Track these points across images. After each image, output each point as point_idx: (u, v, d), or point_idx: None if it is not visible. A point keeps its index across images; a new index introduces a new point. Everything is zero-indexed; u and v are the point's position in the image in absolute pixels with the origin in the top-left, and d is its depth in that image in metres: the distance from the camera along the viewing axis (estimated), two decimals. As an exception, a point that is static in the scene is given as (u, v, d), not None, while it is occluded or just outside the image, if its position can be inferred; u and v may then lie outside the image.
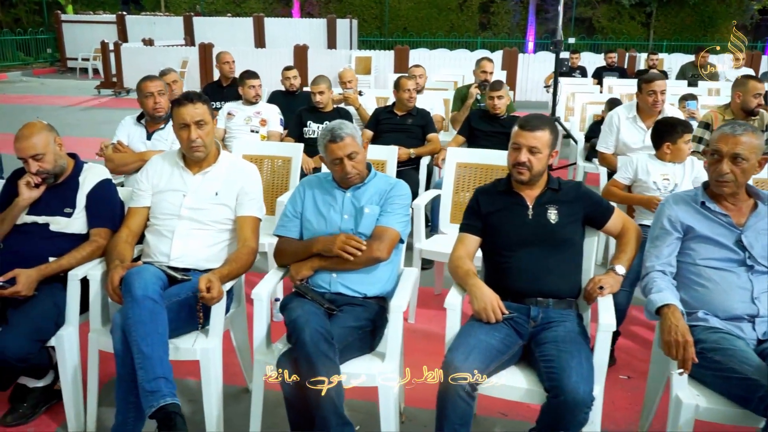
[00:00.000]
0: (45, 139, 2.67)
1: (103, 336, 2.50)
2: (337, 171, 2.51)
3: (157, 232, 2.63)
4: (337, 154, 2.47)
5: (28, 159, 2.63)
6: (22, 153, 2.62)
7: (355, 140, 2.49)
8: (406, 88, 4.85)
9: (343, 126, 2.49)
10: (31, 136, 2.63)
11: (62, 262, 2.56)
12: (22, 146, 2.62)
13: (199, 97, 2.61)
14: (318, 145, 2.56)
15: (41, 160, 2.64)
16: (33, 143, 2.62)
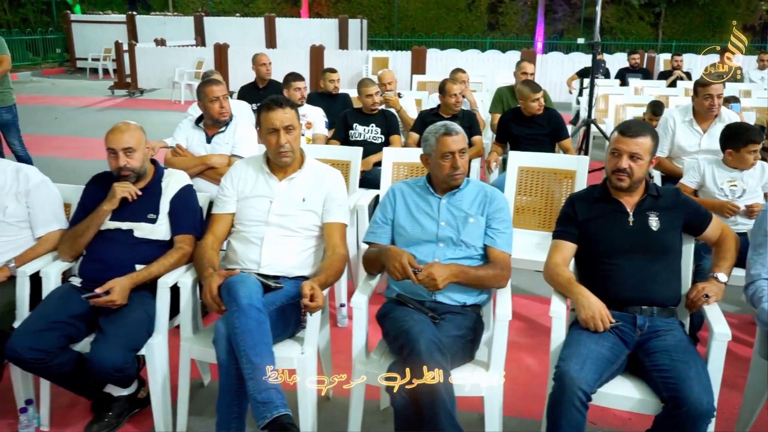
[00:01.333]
0: (139, 137, 2.65)
1: (195, 344, 2.46)
2: (445, 167, 2.47)
3: (245, 239, 2.60)
4: (450, 147, 2.45)
5: (119, 152, 2.60)
6: (116, 144, 2.60)
7: (465, 139, 2.49)
8: (452, 92, 4.83)
9: (455, 125, 2.50)
10: (128, 130, 2.63)
11: (152, 270, 2.53)
12: (117, 137, 2.60)
13: (287, 101, 2.58)
14: (425, 141, 2.53)
15: (131, 156, 2.62)
16: (128, 137, 2.61)
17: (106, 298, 2.39)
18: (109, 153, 2.64)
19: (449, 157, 2.48)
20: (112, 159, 2.64)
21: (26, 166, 2.84)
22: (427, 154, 2.55)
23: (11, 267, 2.66)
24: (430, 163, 2.56)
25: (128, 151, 2.61)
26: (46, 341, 2.35)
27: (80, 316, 2.48)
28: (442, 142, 2.48)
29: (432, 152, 2.52)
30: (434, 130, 2.51)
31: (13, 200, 2.74)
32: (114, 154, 2.62)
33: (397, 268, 2.27)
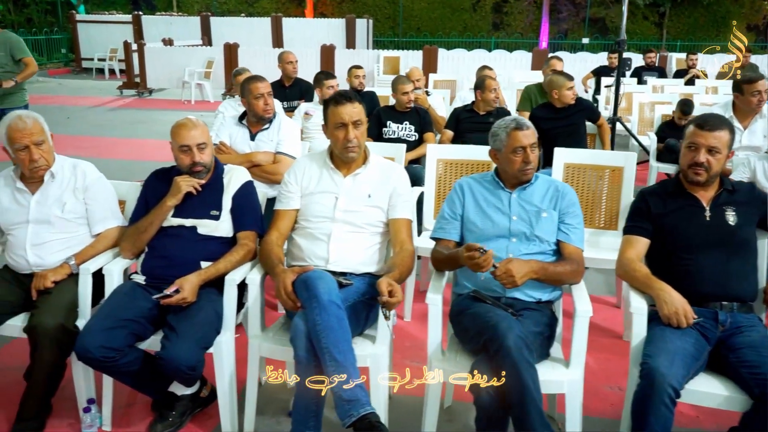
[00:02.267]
0: (207, 132, 2.64)
1: (265, 342, 2.43)
2: (516, 161, 2.44)
3: (310, 236, 2.56)
4: (522, 142, 2.42)
5: (193, 147, 2.57)
6: (190, 140, 2.58)
7: (536, 134, 2.46)
8: (492, 87, 4.80)
9: (526, 119, 2.48)
10: (197, 125, 2.62)
11: (219, 267, 2.50)
12: (190, 134, 2.58)
13: (356, 96, 2.55)
14: (494, 137, 2.51)
15: (203, 151, 2.59)
16: (199, 132, 2.60)
17: (178, 297, 2.36)
18: (181, 149, 2.60)
19: (520, 152, 2.45)
20: (184, 155, 2.60)
21: (83, 162, 2.80)
22: (496, 149, 2.52)
23: (72, 264, 2.62)
24: (499, 159, 2.53)
25: (201, 147, 2.59)
26: (116, 339, 2.31)
27: (147, 314, 2.44)
28: (513, 137, 2.45)
29: (502, 147, 2.49)
30: (504, 125, 2.48)
31: (72, 196, 2.70)
32: (188, 150, 2.59)
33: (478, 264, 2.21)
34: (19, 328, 2.53)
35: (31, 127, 2.58)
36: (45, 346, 2.40)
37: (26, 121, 2.58)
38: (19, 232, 2.66)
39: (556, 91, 4.67)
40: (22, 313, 2.60)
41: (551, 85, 4.72)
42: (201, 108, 11.97)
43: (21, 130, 2.57)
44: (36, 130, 2.59)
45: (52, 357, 2.44)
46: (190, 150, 2.59)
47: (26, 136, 2.57)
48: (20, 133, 2.57)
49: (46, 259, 2.64)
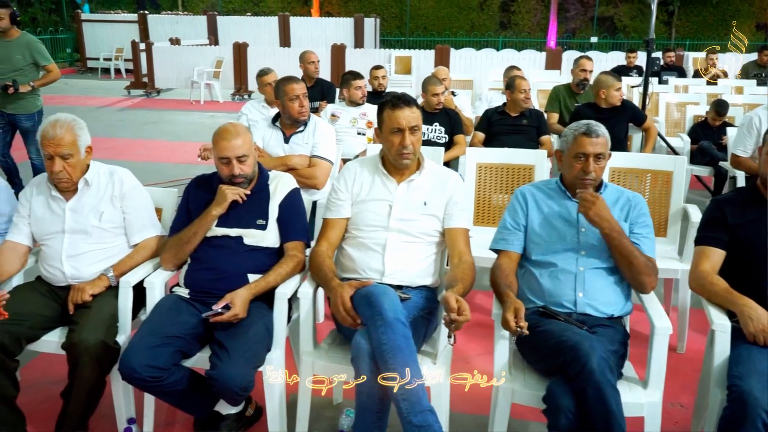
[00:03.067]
0: (249, 140, 2.48)
1: (318, 359, 2.29)
2: (576, 168, 2.32)
3: (363, 246, 2.42)
4: (586, 149, 2.29)
5: (232, 160, 2.42)
6: (229, 152, 2.42)
7: (608, 144, 2.31)
8: (522, 88, 4.66)
9: (601, 126, 2.32)
10: (238, 135, 2.44)
11: (269, 280, 2.36)
12: (230, 145, 2.42)
13: (413, 99, 2.41)
14: (563, 136, 2.38)
15: (244, 162, 2.44)
16: (241, 143, 2.43)
17: (230, 314, 2.22)
18: (221, 161, 2.46)
19: (582, 159, 2.31)
20: (224, 167, 2.46)
21: (119, 168, 2.67)
22: (561, 150, 2.39)
23: (110, 277, 2.49)
24: (562, 161, 2.40)
25: (242, 159, 2.44)
26: (162, 358, 2.18)
27: (193, 330, 2.31)
28: (578, 142, 2.31)
29: (566, 149, 2.36)
30: (575, 127, 2.35)
31: (109, 204, 2.56)
32: (227, 162, 2.44)
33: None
34: (55, 344, 2.40)
35: (60, 138, 2.43)
36: (85, 363, 2.27)
37: (57, 131, 2.43)
38: (54, 243, 2.53)
39: (604, 91, 4.54)
40: (58, 328, 2.47)
41: (599, 84, 4.59)
42: (211, 108, 11.85)
43: (50, 139, 2.43)
44: (66, 142, 2.44)
45: (92, 375, 2.30)
46: (229, 162, 2.44)
47: (52, 146, 2.43)
48: (48, 141, 2.43)
49: (83, 271, 2.51)
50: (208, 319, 2.24)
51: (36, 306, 2.43)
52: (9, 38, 5.10)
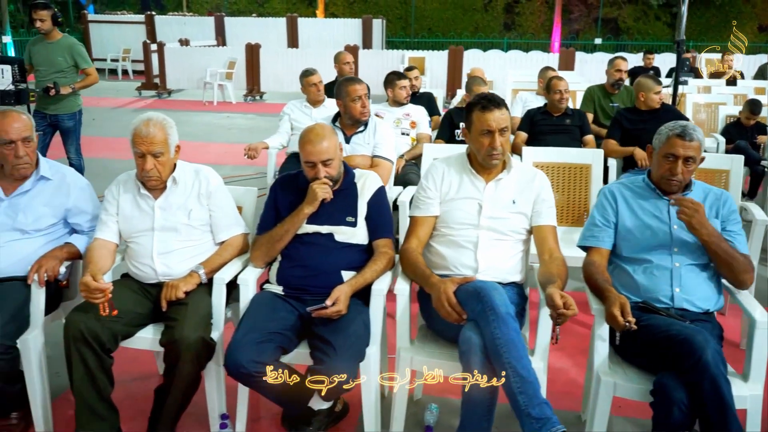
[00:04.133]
0: (335, 143, 2.49)
1: (416, 355, 2.32)
2: (663, 168, 2.36)
3: (454, 243, 2.46)
4: (677, 151, 2.32)
5: (318, 164, 2.45)
6: (315, 157, 2.44)
7: (701, 148, 2.35)
8: (557, 89, 4.71)
9: (697, 130, 2.35)
10: (324, 138, 2.45)
11: (366, 277, 2.39)
12: (315, 150, 2.44)
13: (503, 101, 2.45)
14: (657, 134, 2.42)
15: (330, 165, 2.47)
16: (326, 147, 2.45)
17: (334, 309, 2.25)
18: (306, 164, 2.48)
19: (671, 160, 2.35)
20: (309, 170, 2.48)
21: (204, 167, 2.69)
22: (653, 147, 2.44)
23: (201, 274, 2.51)
24: (652, 158, 2.44)
25: (327, 162, 2.46)
26: (266, 353, 2.21)
27: (291, 326, 2.34)
28: (670, 142, 2.36)
29: (658, 147, 2.40)
30: (671, 126, 2.38)
31: (196, 202, 2.59)
32: (312, 166, 2.47)
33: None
34: (150, 340, 2.43)
35: (152, 136, 2.45)
36: (186, 360, 2.29)
37: (150, 129, 2.46)
38: (144, 240, 2.55)
39: (643, 93, 4.58)
40: (151, 325, 2.49)
41: (638, 87, 4.64)
42: (224, 109, 11.86)
43: (143, 137, 2.45)
44: (157, 141, 2.47)
45: (192, 371, 2.33)
46: (315, 166, 2.47)
47: (145, 144, 2.45)
48: (140, 139, 2.45)
49: (174, 269, 2.53)
50: (311, 313, 2.27)
51: (130, 303, 2.45)
52: (51, 40, 5.12)
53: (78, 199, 2.71)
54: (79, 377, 2.31)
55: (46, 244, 2.63)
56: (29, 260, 2.55)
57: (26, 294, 2.47)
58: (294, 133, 4.90)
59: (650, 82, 4.67)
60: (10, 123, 2.56)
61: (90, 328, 2.29)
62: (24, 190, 2.63)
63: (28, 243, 2.59)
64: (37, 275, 2.45)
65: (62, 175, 2.72)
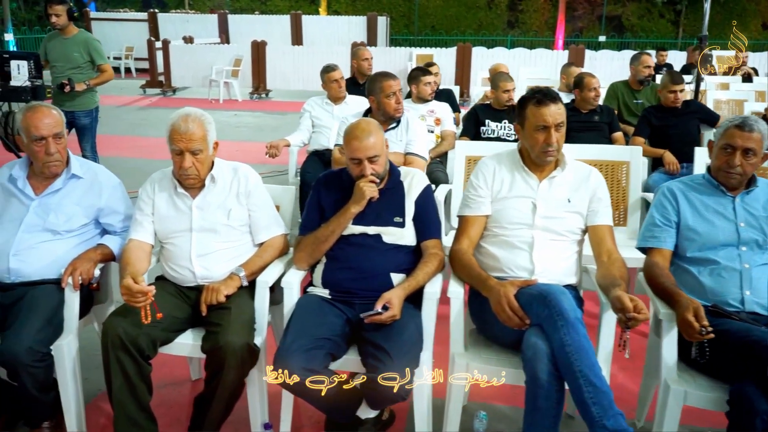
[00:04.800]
0: (381, 138, 2.39)
1: (473, 361, 2.21)
2: (721, 160, 2.27)
3: (507, 244, 2.35)
4: (735, 142, 2.24)
5: (364, 160, 2.34)
6: (361, 153, 2.33)
7: (763, 141, 2.25)
8: (592, 86, 4.60)
9: (760, 122, 2.25)
10: (370, 133, 2.35)
11: (419, 279, 2.28)
12: (362, 146, 2.33)
13: (558, 95, 2.34)
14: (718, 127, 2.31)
15: (376, 162, 2.36)
16: (373, 143, 2.34)
17: (388, 315, 2.14)
18: (352, 161, 2.38)
19: (729, 151, 2.26)
20: (354, 166, 2.38)
21: (242, 165, 2.58)
22: (711, 140, 2.34)
23: (242, 276, 2.40)
24: (711, 151, 2.34)
25: (373, 159, 2.36)
26: (316, 360, 2.10)
27: (340, 332, 2.23)
28: (728, 133, 2.27)
29: (717, 139, 2.30)
30: (731, 118, 2.29)
31: (235, 202, 2.48)
32: (358, 162, 2.36)
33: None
34: (190, 346, 2.32)
35: (192, 133, 2.35)
36: (231, 367, 2.18)
37: (189, 125, 2.35)
38: (181, 242, 2.44)
39: (661, 91, 4.50)
40: (189, 330, 2.39)
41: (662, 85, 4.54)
42: (230, 107, 11.74)
43: (181, 134, 2.34)
44: (197, 137, 2.36)
45: (237, 378, 2.22)
46: (360, 163, 2.36)
47: (183, 141, 2.34)
48: (179, 135, 2.34)
49: (213, 271, 2.42)
50: (363, 319, 2.16)
51: (168, 307, 2.34)
52: (66, 35, 5.00)
53: (110, 198, 2.60)
54: (118, 386, 2.20)
55: (78, 246, 2.52)
56: (61, 262, 2.44)
57: (59, 298, 2.36)
58: (315, 131, 4.79)
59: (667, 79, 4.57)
60: (41, 118, 2.45)
61: (129, 334, 2.18)
62: (55, 189, 2.53)
63: (59, 244, 2.48)
64: (71, 278, 2.34)
65: (93, 174, 2.61)
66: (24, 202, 2.50)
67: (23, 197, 2.51)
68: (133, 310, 2.22)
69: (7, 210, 2.51)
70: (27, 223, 2.46)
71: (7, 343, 2.15)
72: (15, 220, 2.48)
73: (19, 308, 2.29)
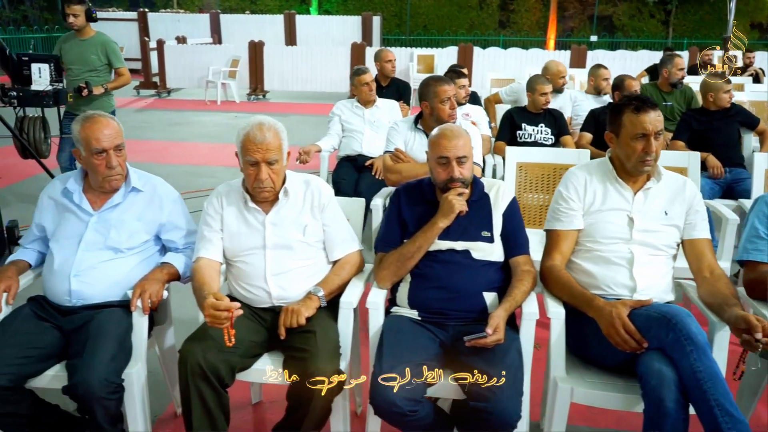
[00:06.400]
0: (469, 141, 2.27)
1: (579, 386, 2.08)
2: None
3: (603, 260, 2.23)
4: None
5: (452, 161, 2.21)
6: (450, 152, 2.22)
7: None
8: (633, 89, 4.51)
9: None
10: (460, 134, 2.25)
11: (518, 299, 2.15)
12: (451, 144, 2.22)
13: (656, 102, 2.23)
14: None
15: (464, 165, 2.24)
16: (462, 144, 2.24)
17: (494, 339, 2.00)
18: (439, 161, 2.24)
19: None
20: (441, 169, 2.25)
21: (314, 176, 2.43)
22: None
23: (321, 297, 2.25)
24: None
25: (462, 160, 2.23)
26: (417, 389, 1.95)
27: (435, 357, 2.09)
28: None
29: None
30: None
31: (310, 217, 2.33)
32: (446, 163, 2.23)
33: None
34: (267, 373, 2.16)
35: (268, 142, 2.19)
36: (320, 396, 2.03)
37: (266, 134, 2.19)
38: (254, 260, 2.28)
39: (712, 94, 4.40)
40: (266, 355, 2.23)
41: (707, 87, 4.46)
42: (229, 109, 11.51)
43: (257, 143, 2.18)
44: (274, 147, 2.20)
45: (326, 407, 2.08)
46: (449, 163, 2.23)
47: (261, 151, 2.18)
48: (255, 145, 2.18)
49: (290, 291, 2.27)
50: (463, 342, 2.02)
51: (245, 330, 2.18)
52: (84, 37, 4.80)
53: (172, 213, 2.44)
54: (198, 417, 2.04)
55: (140, 264, 2.36)
56: (125, 283, 2.29)
57: (128, 322, 2.20)
58: (346, 135, 4.64)
59: (717, 80, 4.49)
60: (101, 129, 2.29)
61: (209, 362, 2.03)
62: (114, 204, 2.36)
63: (122, 263, 2.32)
64: (140, 301, 2.18)
65: (153, 186, 2.45)
66: (82, 218, 2.33)
67: (81, 213, 2.34)
68: (210, 335, 2.06)
69: (63, 226, 2.33)
70: (87, 241, 2.29)
71: (80, 376, 1.98)
72: (72, 237, 2.31)
73: (85, 335, 2.12)
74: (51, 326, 2.22)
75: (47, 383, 2.14)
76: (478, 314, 2.17)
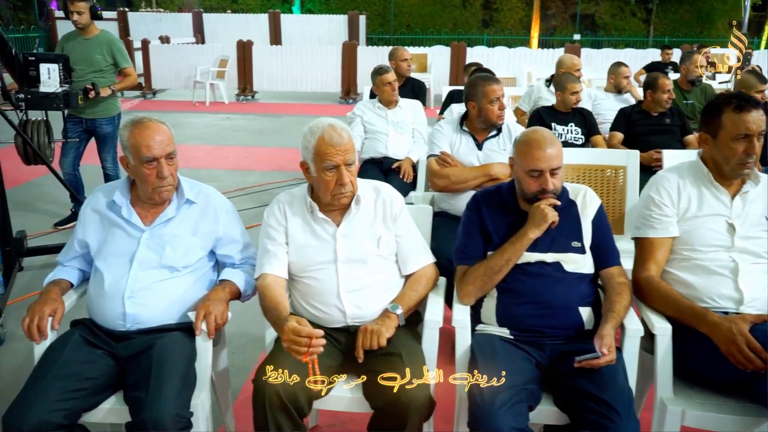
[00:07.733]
0: (561, 149, 2.09)
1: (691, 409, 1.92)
2: None
3: (702, 269, 2.08)
4: None
5: (546, 172, 2.04)
6: (545, 163, 2.03)
7: None
8: (666, 88, 4.38)
9: None
10: (552, 142, 2.06)
11: (621, 315, 1.98)
12: (545, 156, 2.03)
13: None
14: None
15: (556, 176, 2.06)
16: (556, 153, 2.05)
17: (608, 359, 1.83)
18: (530, 174, 2.06)
19: None
20: (532, 180, 2.07)
21: (384, 183, 2.24)
22: None
23: (399, 315, 2.06)
24: None
25: (555, 171, 2.06)
26: (522, 416, 1.79)
27: (535, 378, 1.92)
28: None
29: None
30: None
31: (383, 228, 2.14)
32: (539, 175, 2.05)
33: None
34: (352, 400, 1.97)
35: (346, 143, 2.01)
36: (414, 425, 1.86)
37: (342, 135, 2.00)
38: (325, 275, 2.09)
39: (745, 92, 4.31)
40: (341, 380, 2.03)
41: (741, 86, 4.36)
42: (218, 110, 11.21)
43: (336, 146, 1.98)
44: (351, 147, 2.02)
45: None
46: (542, 175, 2.06)
47: (340, 153, 1.99)
48: (335, 148, 1.98)
49: (366, 309, 2.08)
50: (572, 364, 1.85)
51: (319, 354, 1.98)
52: (88, 35, 4.53)
53: (227, 225, 2.23)
54: (275, 451, 1.84)
55: (196, 282, 2.15)
56: (181, 304, 2.08)
57: (191, 348, 1.99)
58: (369, 137, 4.45)
59: (752, 79, 4.41)
60: (152, 136, 2.06)
61: (288, 391, 1.84)
62: (167, 218, 2.14)
63: (178, 282, 2.11)
64: (205, 324, 1.97)
65: (206, 197, 2.24)
66: (132, 234, 2.11)
67: (131, 228, 2.12)
68: (285, 362, 1.86)
69: (111, 243, 2.11)
70: (140, 260, 2.07)
71: (150, 413, 1.76)
72: (123, 255, 2.08)
73: (146, 364, 1.91)
74: (104, 353, 2.00)
75: (102, 418, 1.93)
76: (575, 331, 2.01)
